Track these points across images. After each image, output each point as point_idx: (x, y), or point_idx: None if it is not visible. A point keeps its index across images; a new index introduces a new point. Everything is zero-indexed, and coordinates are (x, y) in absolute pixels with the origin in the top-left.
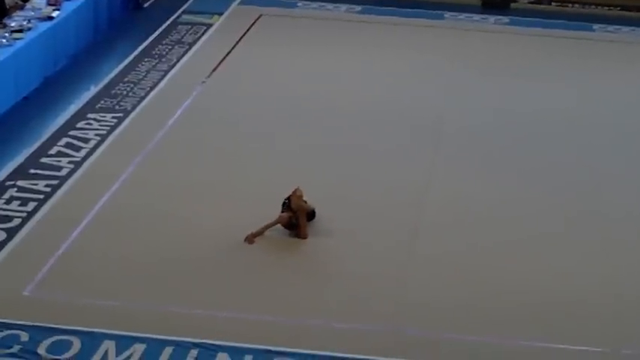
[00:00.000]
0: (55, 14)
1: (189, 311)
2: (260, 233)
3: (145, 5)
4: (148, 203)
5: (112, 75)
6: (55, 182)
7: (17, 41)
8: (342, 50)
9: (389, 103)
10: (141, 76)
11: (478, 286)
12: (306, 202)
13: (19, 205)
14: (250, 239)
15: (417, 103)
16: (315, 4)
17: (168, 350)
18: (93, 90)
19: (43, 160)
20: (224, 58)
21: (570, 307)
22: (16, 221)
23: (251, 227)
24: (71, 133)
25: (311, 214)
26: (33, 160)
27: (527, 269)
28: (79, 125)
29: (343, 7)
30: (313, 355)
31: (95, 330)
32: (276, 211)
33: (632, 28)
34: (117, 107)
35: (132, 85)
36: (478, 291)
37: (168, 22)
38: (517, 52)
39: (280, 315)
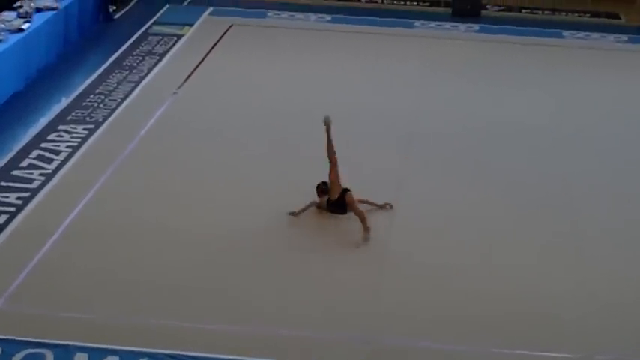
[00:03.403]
0: (25, 27)
1: (162, 322)
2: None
3: (116, 17)
4: (121, 214)
5: (83, 87)
6: (26, 195)
7: None
8: (313, 59)
9: (360, 111)
10: (112, 88)
11: (451, 294)
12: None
13: None
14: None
15: (388, 110)
16: (285, 14)
17: None
18: (64, 102)
19: (15, 172)
20: (195, 68)
21: (542, 313)
22: None
23: (226, 235)
24: (42, 145)
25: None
26: (4, 172)
27: (499, 276)
28: (50, 137)
29: (313, 16)
30: None
31: (68, 342)
32: (251, 220)
33: (602, 34)
34: (88, 119)
35: (103, 97)
36: (450, 298)
37: (138, 34)
38: (488, 60)
39: (254, 325)
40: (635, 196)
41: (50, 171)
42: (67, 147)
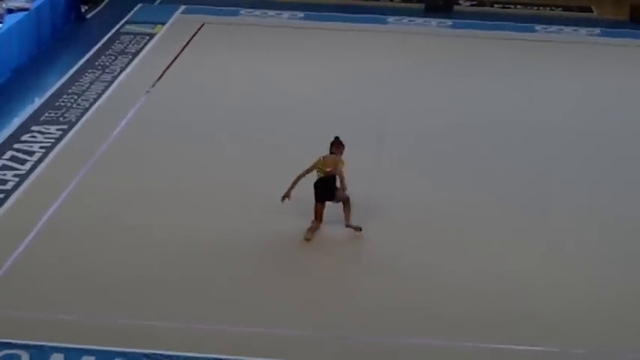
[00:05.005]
0: None
1: (138, 322)
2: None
3: (88, 17)
4: (96, 214)
5: (55, 87)
6: (0, 196)
7: None
8: (286, 56)
9: (334, 108)
10: (85, 88)
11: (428, 290)
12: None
13: None
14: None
15: (362, 106)
16: (257, 12)
17: None
18: (37, 102)
19: None
20: (168, 67)
21: (519, 308)
22: None
23: (199, 235)
24: (16, 146)
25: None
26: None
27: (476, 272)
28: (23, 138)
29: (286, 13)
30: None
31: (44, 343)
32: (227, 219)
33: (575, 27)
34: (61, 119)
35: (76, 97)
36: (428, 295)
37: (111, 33)
38: (461, 55)
39: (231, 324)
40: (611, 189)
41: (24, 172)
42: (41, 147)
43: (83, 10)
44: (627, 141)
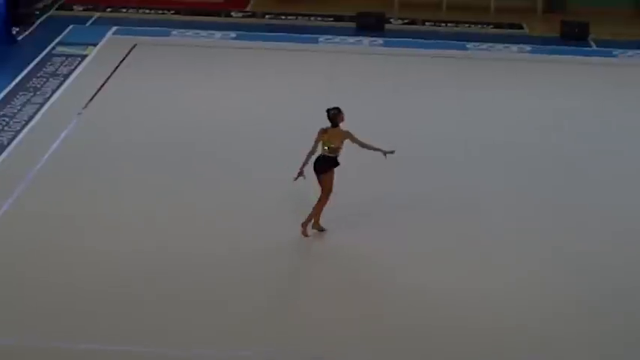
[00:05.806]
0: None
1: (73, 346)
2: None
3: (19, 38)
4: (28, 237)
5: None
6: None
7: None
8: (218, 76)
9: (266, 128)
10: (16, 110)
11: (361, 308)
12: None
13: None
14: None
15: (294, 125)
16: (189, 32)
17: None
18: None
19: None
20: (99, 88)
21: (446, 328)
22: None
23: (131, 257)
24: None
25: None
26: None
27: (408, 290)
28: None
29: (218, 33)
30: None
31: None
32: (156, 240)
33: (506, 45)
34: None
35: (7, 119)
36: (359, 313)
37: (42, 55)
38: (392, 73)
39: (170, 346)
40: (541, 204)
41: None
42: None
43: (14, 32)
44: (557, 154)
